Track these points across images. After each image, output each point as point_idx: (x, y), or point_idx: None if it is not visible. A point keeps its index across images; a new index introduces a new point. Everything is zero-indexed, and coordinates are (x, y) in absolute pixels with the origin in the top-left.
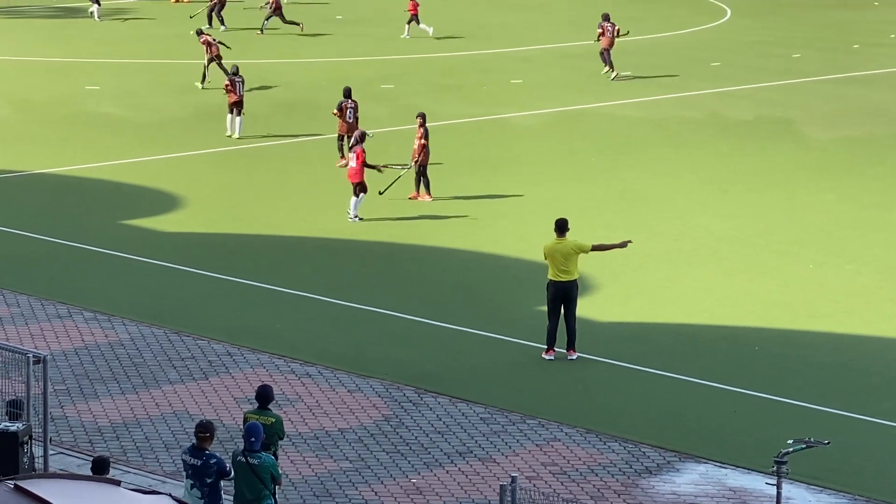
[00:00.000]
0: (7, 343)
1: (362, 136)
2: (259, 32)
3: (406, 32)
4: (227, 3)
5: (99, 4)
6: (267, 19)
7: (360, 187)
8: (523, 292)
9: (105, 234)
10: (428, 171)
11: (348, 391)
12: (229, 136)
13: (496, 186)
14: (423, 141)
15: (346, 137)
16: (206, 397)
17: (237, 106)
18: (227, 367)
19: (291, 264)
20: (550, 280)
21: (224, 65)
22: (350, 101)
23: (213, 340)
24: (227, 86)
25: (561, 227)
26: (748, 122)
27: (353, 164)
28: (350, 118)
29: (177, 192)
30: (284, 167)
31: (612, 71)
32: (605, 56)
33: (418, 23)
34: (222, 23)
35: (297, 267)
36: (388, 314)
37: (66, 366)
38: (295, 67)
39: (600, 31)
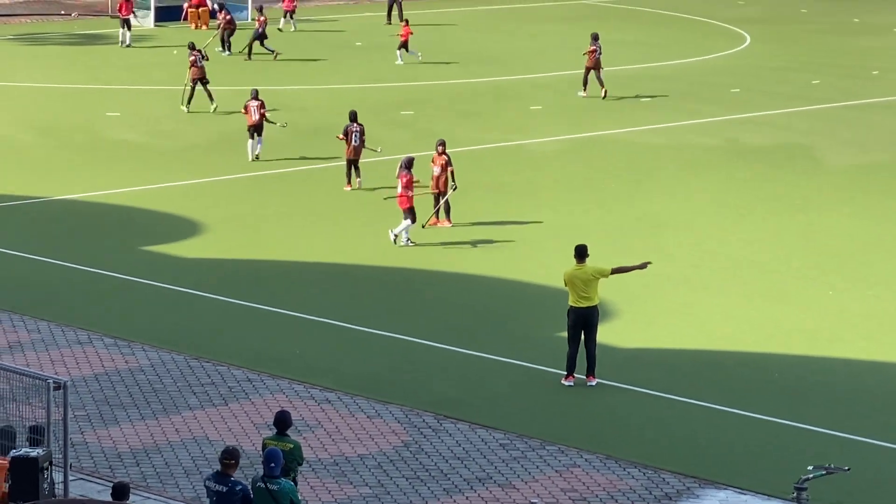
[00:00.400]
0: (27, 369)
1: (409, 162)
2: (273, 56)
3: (399, 59)
4: (236, 30)
5: (129, 29)
6: (263, 42)
7: (408, 213)
8: (543, 318)
9: (125, 260)
10: (449, 198)
11: (367, 417)
12: (252, 160)
13: (515, 212)
14: (451, 167)
15: (353, 163)
16: (226, 423)
17: (256, 129)
18: (246, 393)
19: (311, 290)
20: (571, 306)
21: (209, 88)
22: (356, 124)
23: (233, 366)
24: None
25: (581, 253)
26: (767, 148)
27: (399, 189)
28: (356, 142)
29: (197, 217)
30: (304, 193)
31: (583, 90)
32: (593, 76)
33: (407, 49)
34: (227, 48)
35: (317, 292)
36: (407, 339)
37: (86, 392)
38: (315, 93)
39: (592, 49)
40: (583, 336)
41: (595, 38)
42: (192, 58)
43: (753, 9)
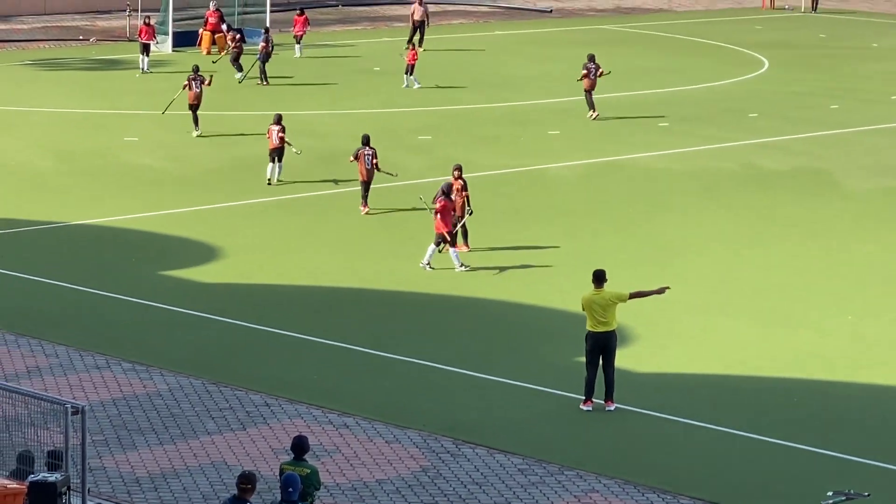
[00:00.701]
0: (46, 394)
1: (448, 188)
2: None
3: (405, 83)
4: (242, 53)
5: (148, 55)
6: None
7: (440, 238)
8: (561, 343)
9: (143, 285)
10: (465, 222)
11: (386, 442)
12: (269, 184)
13: (532, 237)
14: (466, 192)
15: (368, 185)
16: (244, 448)
17: (276, 154)
18: (264, 418)
19: (328, 314)
20: (589, 331)
21: (198, 115)
22: (368, 148)
23: (251, 391)
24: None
25: (599, 277)
26: (785, 174)
27: (437, 214)
28: (368, 165)
29: (215, 242)
30: (322, 217)
31: (594, 112)
32: (588, 97)
33: (410, 73)
34: (241, 70)
35: (335, 317)
36: (425, 364)
37: (104, 416)
38: (332, 118)
39: (585, 71)
40: (601, 361)
41: (591, 59)
42: (186, 82)
43: (772, 34)
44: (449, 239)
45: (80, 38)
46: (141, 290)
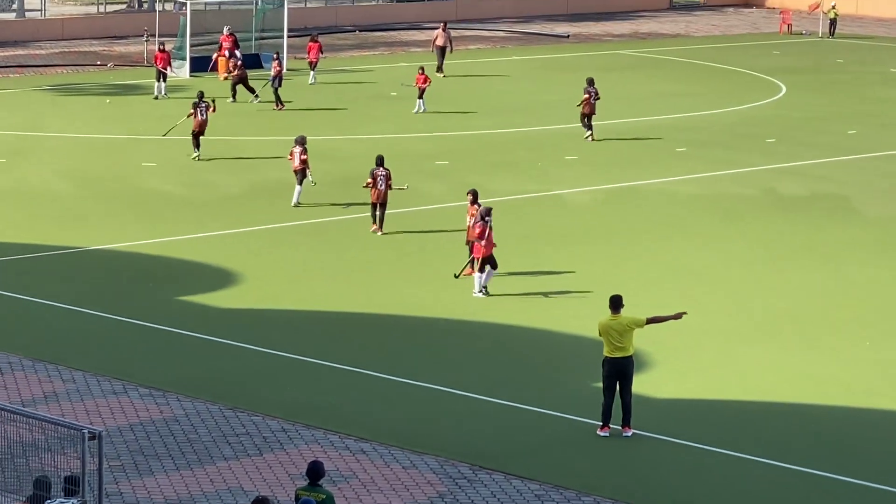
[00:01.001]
0: (63, 419)
1: (488, 212)
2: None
3: (416, 107)
4: (246, 77)
5: (165, 81)
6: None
7: (487, 262)
8: (578, 368)
9: (160, 311)
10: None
11: (403, 467)
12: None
13: (549, 262)
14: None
15: (379, 205)
16: (261, 474)
17: (299, 175)
18: (281, 444)
19: (345, 339)
20: (606, 357)
21: (200, 140)
22: (382, 169)
23: (268, 416)
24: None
25: (615, 303)
26: (804, 199)
27: (478, 239)
28: (382, 186)
29: (231, 267)
30: (340, 242)
31: (590, 133)
32: (586, 121)
33: (420, 97)
34: (253, 92)
35: (352, 342)
36: (441, 390)
37: (121, 442)
38: (350, 143)
39: (586, 96)
40: (618, 387)
41: (590, 83)
42: (192, 109)
43: (789, 59)
44: (478, 265)
45: (98, 63)
46: (157, 316)
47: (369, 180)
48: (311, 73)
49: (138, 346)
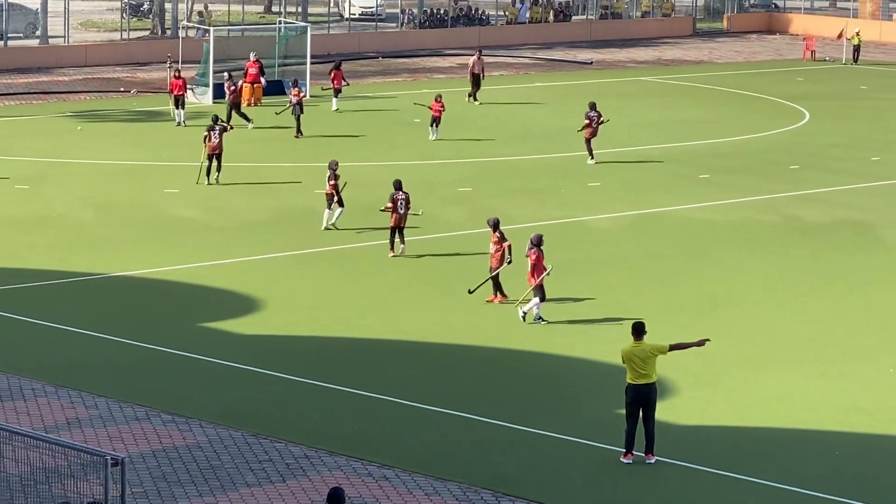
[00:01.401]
0: (86, 445)
1: (539, 240)
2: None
3: (431, 134)
4: (239, 103)
5: (183, 108)
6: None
7: (537, 291)
8: (600, 395)
9: (183, 337)
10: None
11: (425, 494)
12: (332, 228)
13: (572, 289)
14: (507, 242)
15: (398, 230)
16: (284, 500)
17: (328, 199)
18: (304, 470)
19: (368, 366)
20: (629, 384)
21: (210, 167)
22: (401, 192)
23: (291, 443)
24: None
25: (638, 330)
26: (826, 226)
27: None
28: (402, 209)
29: (254, 294)
30: (364, 269)
31: (591, 158)
32: (588, 146)
33: (434, 124)
34: (247, 118)
35: (373, 369)
36: (465, 416)
37: (143, 468)
38: (373, 170)
39: (587, 121)
40: (641, 413)
41: (592, 107)
42: (206, 133)
43: (812, 85)
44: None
45: (121, 89)
46: (180, 342)
47: (389, 204)
48: (334, 99)
49: (161, 372)
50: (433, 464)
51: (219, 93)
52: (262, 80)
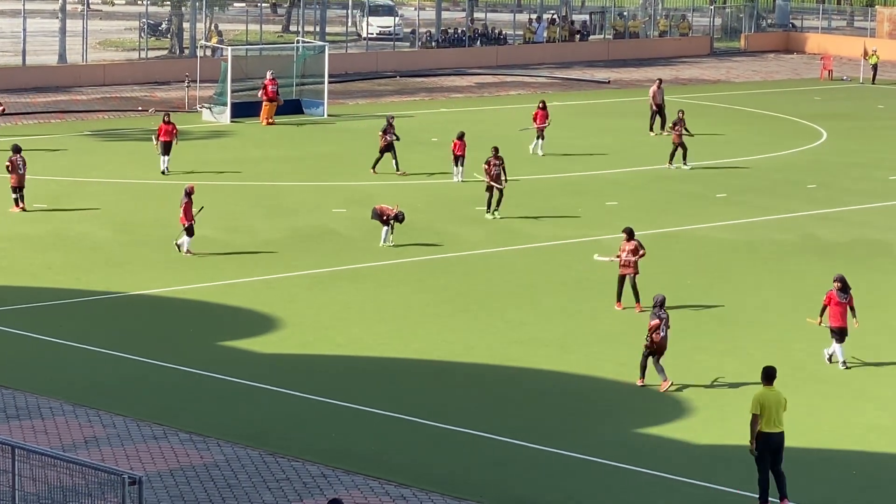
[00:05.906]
0: (103, 464)
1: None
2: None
3: (455, 175)
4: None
5: (169, 155)
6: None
7: (838, 333)
8: (620, 415)
9: (201, 355)
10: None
11: None
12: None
13: (591, 308)
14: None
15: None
16: None
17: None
18: (321, 489)
19: (384, 385)
20: (763, 432)
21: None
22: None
23: (308, 462)
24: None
25: (769, 375)
26: (845, 245)
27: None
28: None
29: (272, 313)
30: (382, 288)
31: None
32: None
33: (458, 164)
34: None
35: (392, 388)
36: (482, 436)
37: (161, 487)
38: (391, 189)
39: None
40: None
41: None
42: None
43: (830, 105)
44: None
45: (139, 108)
46: (198, 361)
47: (485, 166)
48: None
49: (179, 391)
50: (451, 483)
51: (237, 112)
52: (279, 97)
